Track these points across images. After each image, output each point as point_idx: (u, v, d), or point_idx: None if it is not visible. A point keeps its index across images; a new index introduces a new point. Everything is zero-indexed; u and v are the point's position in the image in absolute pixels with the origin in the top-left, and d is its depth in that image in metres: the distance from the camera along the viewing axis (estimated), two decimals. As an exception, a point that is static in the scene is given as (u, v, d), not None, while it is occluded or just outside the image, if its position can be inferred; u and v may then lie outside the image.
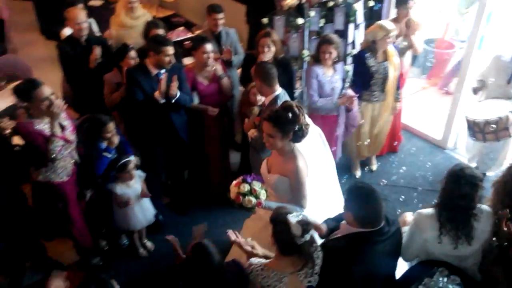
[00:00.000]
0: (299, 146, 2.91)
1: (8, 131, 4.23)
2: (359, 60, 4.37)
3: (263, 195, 2.83)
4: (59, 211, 3.63)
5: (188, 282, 2.34)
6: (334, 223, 2.77)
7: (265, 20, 4.62)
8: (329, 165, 3.51)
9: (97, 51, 4.13)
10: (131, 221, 3.83)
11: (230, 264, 2.48)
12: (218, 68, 4.12)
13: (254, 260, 2.52)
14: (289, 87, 4.26)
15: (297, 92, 4.79)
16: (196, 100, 4.17)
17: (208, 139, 4.38)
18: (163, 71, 3.75)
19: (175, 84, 3.68)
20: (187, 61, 4.82)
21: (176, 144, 4.11)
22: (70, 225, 3.69)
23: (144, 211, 3.86)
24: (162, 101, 3.72)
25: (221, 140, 4.44)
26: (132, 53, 3.99)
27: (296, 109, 2.77)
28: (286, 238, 2.30)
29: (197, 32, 5.91)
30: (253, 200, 2.79)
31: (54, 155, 3.26)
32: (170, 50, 3.68)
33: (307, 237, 2.30)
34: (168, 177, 4.45)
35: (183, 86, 3.90)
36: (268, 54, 4.04)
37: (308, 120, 2.91)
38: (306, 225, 2.30)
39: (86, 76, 4.14)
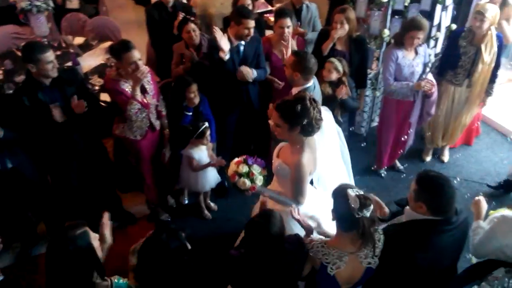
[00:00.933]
0: (316, 142, 2.83)
1: (97, 88, 4.53)
2: (453, 36, 4.20)
3: (259, 180, 2.78)
4: (133, 167, 3.88)
5: (248, 246, 2.41)
6: (397, 208, 2.75)
7: (348, -3, 4.53)
8: (342, 163, 3.45)
9: (182, 16, 4.22)
10: (199, 183, 4.02)
11: (291, 236, 2.51)
12: (293, 43, 4.09)
13: (315, 236, 2.57)
14: (361, 66, 4.18)
15: (372, 73, 4.68)
16: (267, 70, 4.21)
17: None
18: (243, 42, 3.82)
19: (250, 71, 3.77)
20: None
21: (248, 114, 4.21)
22: (141, 181, 3.94)
23: (212, 174, 4.04)
24: (227, 57, 3.72)
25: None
26: (191, 26, 4.02)
27: (307, 102, 2.64)
28: (344, 211, 2.28)
29: (277, 5, 5.89)
30: (248, 183, 2.74)
31: (130, 115, 3.45)
32: (251, 23, 3.69)
33: (366, 213, 2.26)
34: (235, 145, 4.57)
35: (260, 59, 3.95)
36: (340, 31, 3.93)
37: (322, 115, 2.76)
38: (364, 200, 2.26)
39: (170, 42, 4.27)
